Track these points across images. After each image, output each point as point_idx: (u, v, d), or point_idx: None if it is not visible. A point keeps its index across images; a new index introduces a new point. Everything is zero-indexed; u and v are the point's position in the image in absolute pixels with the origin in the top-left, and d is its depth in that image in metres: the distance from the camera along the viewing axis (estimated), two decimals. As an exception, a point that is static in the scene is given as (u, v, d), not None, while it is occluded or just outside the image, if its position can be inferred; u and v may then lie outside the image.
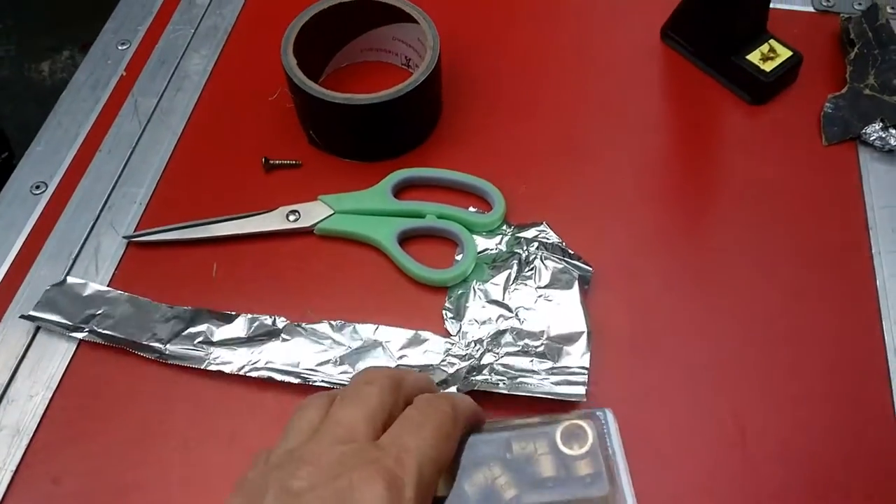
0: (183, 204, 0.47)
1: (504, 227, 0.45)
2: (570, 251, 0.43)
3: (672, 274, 0.44)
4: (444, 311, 0.42)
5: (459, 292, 0.42)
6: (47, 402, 0.40)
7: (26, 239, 0.46)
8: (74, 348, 0.41)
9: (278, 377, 0.39)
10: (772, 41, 0.51)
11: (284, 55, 0.46)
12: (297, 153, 0.49)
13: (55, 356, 0.41)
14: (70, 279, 0.43)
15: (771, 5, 0.51)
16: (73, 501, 0.37)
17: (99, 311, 0.42)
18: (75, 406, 0.40)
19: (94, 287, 0.43)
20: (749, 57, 0.51)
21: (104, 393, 0.40)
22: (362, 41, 0.53)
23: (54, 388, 0.40)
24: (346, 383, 0.39)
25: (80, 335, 0.41)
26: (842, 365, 0.40)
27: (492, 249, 0.44)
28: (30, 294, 0.43)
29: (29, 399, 0.40)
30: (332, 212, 0.45)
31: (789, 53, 0.51)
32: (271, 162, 0.48)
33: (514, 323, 0.40)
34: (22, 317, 0.42)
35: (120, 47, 0.56)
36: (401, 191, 0.47)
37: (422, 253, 0.44)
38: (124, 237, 0.45)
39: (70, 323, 0.41)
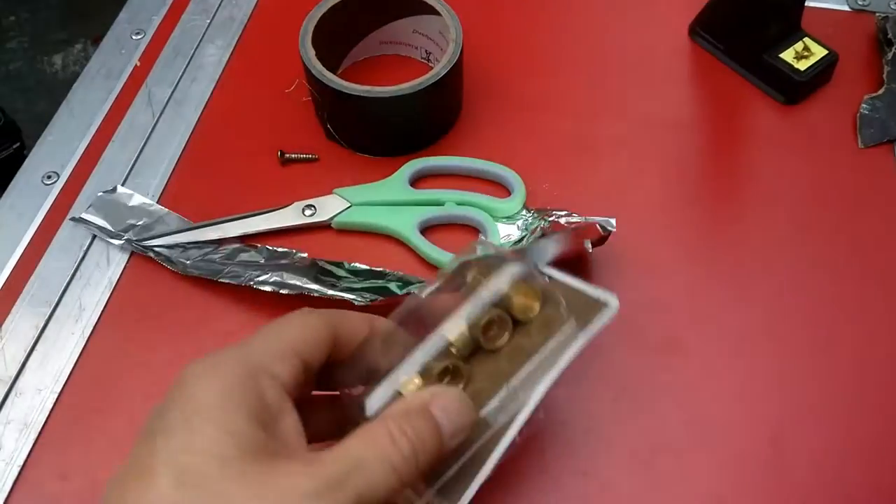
0: (196, 197, 0.46)
1: (524, 213, 0.44)
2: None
3: (699, 277, 0.43)
4: None
5: None
6: (56, 396, 0.39)
7: (37, 229, 0.45)
8: (84, 343, 0.40)
9: (283, 291, 0.39)
10: (806, 39, 0.50)
11: (302, 46, 0.45)
12: (314, 147, 0.48)
13: (64, 349, 0.40)
14: (120, 189, 0.46)
15: (805, 4, 0.50)
16: (81, 498, 0.36)
17: (139, 223, 0.44)
18: (84, 401, 0.39)
19: (139, 199, 0.45)
20: (782, 55, 0.49)
21: (113, 389, 0.39)
22: (381, 34, 0.51)
23: (63, 382, 0.39)
24: (339, 298, 0.38)
25: (117, 242, 0.43)
26: (877, 371, 0.39)
27: (514, 235, 0.43)
28: (39, 285, 0.42)
29: (37, 393, 0.39)
30: (348, 204, 0.44)
31: (824, 52, 0.49)
32: (287, 155, 0.47)
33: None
34: (72, 219, 0.44)
35: (134, 37, 0.55)
36: (417, 181, 0.46)
37: (443, 241, 0.43)
38: (127, 240, 0.43)
39: (113, 230, 0.44)
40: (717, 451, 0.36)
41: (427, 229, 0.44)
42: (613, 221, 0.40)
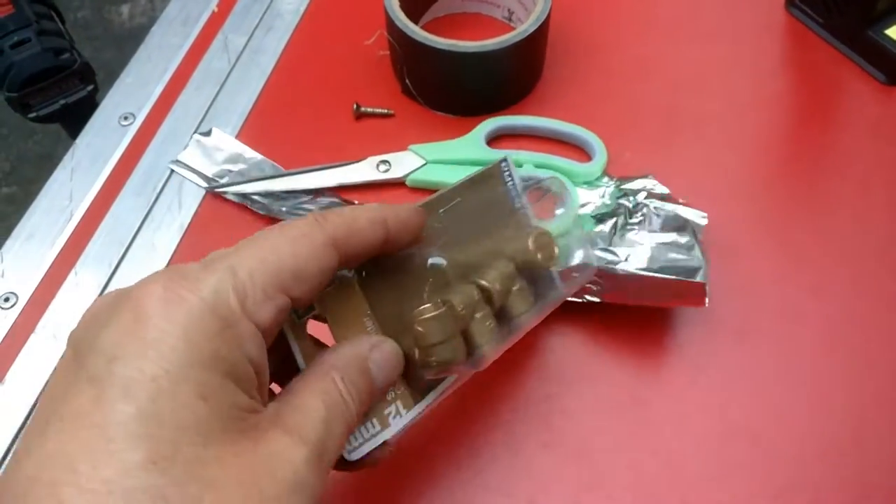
0: (270, 145, 0.46)
1: (605, 180, 0.42)
2: (681, 201, 0.40)
3: (783, 263, 0.40)
4: None
5: (562, 243, 0.40)
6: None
7: (112, 170, 0.45)
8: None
9: None
10: (916, 15, 0.46)
11: (387, -4, 0.44)
12: (390, 102, 0.47)
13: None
14: (215, 131, 0.46)
15: (918, -24, 0.46)
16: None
17: (235, 168, 0.44)
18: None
19: (234, 143, 0.45)
20: (888, 32, 0.46)
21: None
22: (464, -12, 0.50)
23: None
24: None
25: (206, 186, 0.44)
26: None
27: (594, 202, 0.41)
28: (114, 225, 0.43)
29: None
30: (423, 162, 0.43)
31: (936, 30, 0.46)
32: (362, 109, 0.46)
33: (624, 266, 0.37)
34: (171, 161, 0.45)
35: (213, -18, 0.55)
36: (494, 140, 0.45)
37: (519, 206, 0.42)
38: (206, 188, 0.44)
39: (208, 174, 0.44)
40: (793, 436, 0.35)
41: (503, 192, 0.42)
42: (705, 218, 0.38)
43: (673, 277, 0.35)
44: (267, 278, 0.20)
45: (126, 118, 0.48)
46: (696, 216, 0.38)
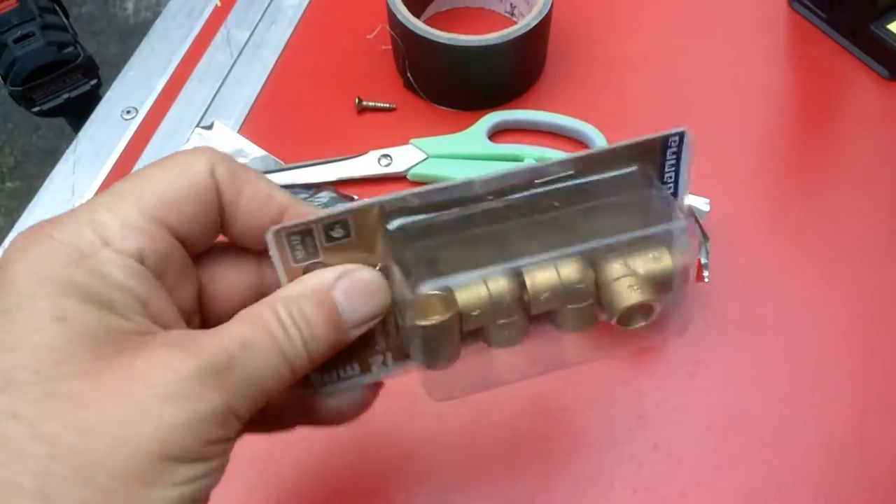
0: (271, 139, 0.46)
1: None
2: None
3: (786, 251, 0.41)
4: None
5: None
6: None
7: (115, 163, 0.45)
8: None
9: None
10: (919, 10, 0.46)
11: (389, -10, 0.44)
12: (392, 96, 0.47)
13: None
14: (217, 124, 0.45)
15: (922, -30, 0.46)
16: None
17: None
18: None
19: (236, 137, 0.45)
20: (890, 27, 0.46)
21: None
22: (467, -17, 0.50)
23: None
24: None
25: None
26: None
27: None
28: (116, 218, 0.43)
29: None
30: (425, 156, 0.43)
31: (939, 24, 0.46)
32: (364, 103, 0.46)
33: None
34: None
35: (216, -23, 0.55)
36: (495, 134, 0.45)
37: (520, 202, 0.42)
38: None
39: None
40: (795, 429, 0.35)
41: (504, 186, 0.42)
42: (708, 204, 0.38)
43: None
44: (129, 209, 0.20)
45: (129, 112, 0.48)
46: (699, 202, 0.38)
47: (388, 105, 0.47)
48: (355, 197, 0.43)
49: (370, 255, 0.22)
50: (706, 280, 0.33)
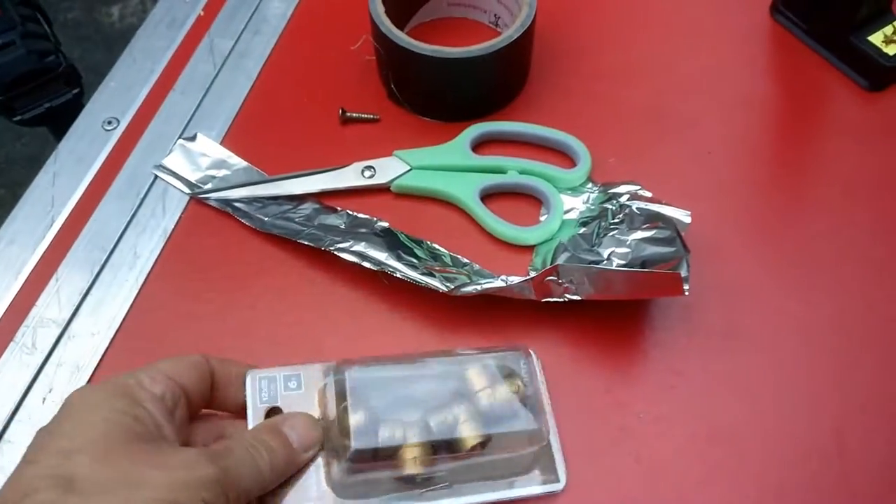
0: (255, 151, 0.45)
1: (590, 185, 0.42)
2: (663, 201, 0.39)
3: (768, 262, 0.41)
4: (529, 270, 0.39)
5: (546, 249, 0.40)
6: (108, 342, 0.39)
7: (95, 175, 0.45)
8: (137, 290, 0.40)
9: (366, 263, 0.38)
10: (898, 22, 0.47)
11: (372, 2, 0.44)
12: (375, 107, 0.47)
13: (118, 296, 0.40)
14: (200, 136, 0.46)
15: (901, -17, 0.47)
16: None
17: (219, 174, 0.44)
18: (135, 348, 0.38)
19: (219, 149, 0.45)
20: (870, 38, 0.47)
21: (164, 338, 0.39)
22: (451, -6, 0.50)
23: (116, 328, 0.39)
24: (424, 284, 0.37)
25: (189, 192, 0.43)
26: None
27: (579, 208, 0.41)
28: (96, 230, 0.42)
29: (90, 337, 0.39)
30: (408, 168, 0.43)
31: (918, 37, 0.46)
32: (348, 114, 0.46)
33: (605, 265, 0.37)
34: (155, 166, 0.45)
35: (199, -14, 0.55)
36: (479, 146, 0.45)
37: (504, 211, 0.42)
38: (190, 194, 0.43)
39: (192, 180, 0.44)
40: (777, 441, 0.35)
41: (488, 197, 0.42)
42: (689, 216, 0.38)
43: (650, 271, 0.35)
44: (156, 372, 0.31)
45: (110, 122, 0.47)
46: (680, 214, 0.38)
47: (371, 116, 0.46)
48: (338, 208, 0.43)
49: (311, 405, 0.34)
50: (686, 294, 0.33)
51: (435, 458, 0.32)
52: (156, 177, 0.45)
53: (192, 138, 0.46)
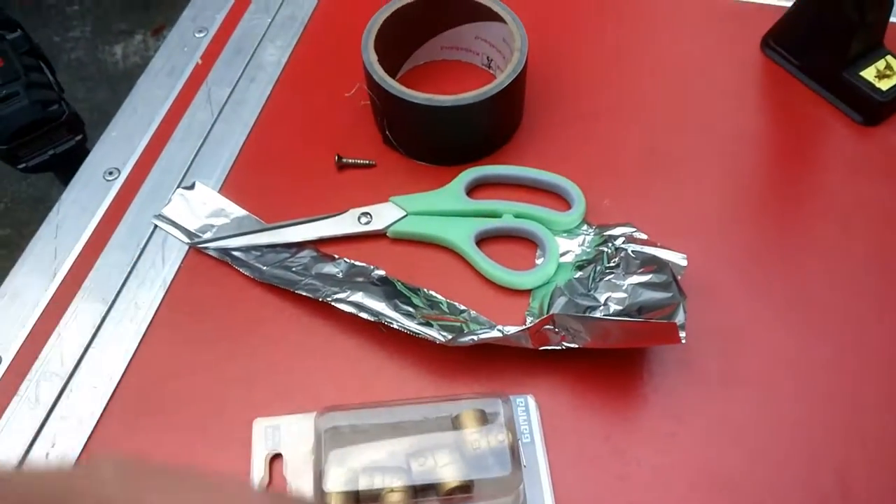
0: (252, 198, 0.46)
1: (585, 227, 0.43)
2: (659, 244, 0.40)
3: (765, 302, 0.41)
4: (527, 315, 0.40)
5: (543, 293, 0.40)
6: (110, 394, 0.39)
7: (97, 225, 0.46)
8: (138, 342, 0.41)
9: (363, 314, 0.38)
10: (889, 57, 0.47)
11: (365, 51, 0.45)
12: (371, 152, 0.48)
13: (120, 348, 0.40)
14: (198, 185, 0.46)
15: (890, 20, 0.47)
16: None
17: (218, 223, 0.44)
18: (137, 400, 0.39)
19: (218, 198, 0.46)
20: (863, 73, 0.47)
21: (165, 389, 0.39)
22: (443, 39, 0.51)
23: (117, 380, 0.39)
24: (422, 335, 0.37)
25: (188, 241, 0.44)
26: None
27: (575, 251, 0.42)
28: (99, 279, 0.43)
29: (93, 389, 0.39)
30: (404, 213, 0.43)
31: (909, 71, 0.47)
32: (344, 160, 0.47)
33: (602, 311, 0.37)
34: (155, 217, 0.45)
35: (197, 35, 0.56)
36: (473, 190, 0.45)
37: (499, 254, 0.42)
38: (189, 244, 0.44)
39: (191, 229, 0.44)
40: (779, 487, 0.35)
41: (483, 241, 0.43)
42: (685, 260, 0.38)
43: (645, 320, 0.35)
44: None
45: (111, 173, 0.48)
46: (676, 258, 0.39)
47: (367, 161, 0.47)
48: (336, 256, 0.43)
49: (312, 450, 0.35)
50: (683, 342, 0.34)
51: (417, 502, 0.32)
52: (156, 226, 0.45)
53: (191, 187, 0.46)
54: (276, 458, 0.36)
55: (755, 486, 0.35)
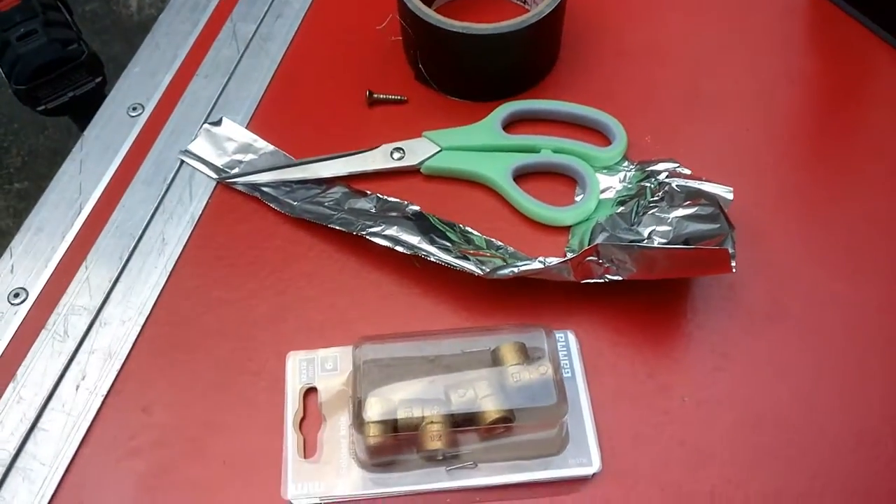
0: (281, 134, 0.45)
1: (626, 164, 0.41)
2: (704, 178, 0.38)
3: (813, 242, 0.39)
4: (566, 252, 0.38)
5: (582, 230, 0.39)
6: (139, 328, 0.38)
7: (122, 161, 0.45)
8: (167, 277, 0.40)
9: (399, 248, 0.37)
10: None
11: (398, -21, 0.43)
12: (402, 89, 0.46)
13: (147, 283, 0.40)
14: (226, 121, 0.45)
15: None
16: (162, 431, 0.35)
17: (245, 159, 0.43)
18: (166, 335, 0.38)
19: (244, 133, 0.44)
20: (918, 7, 0.45)
21: (194, 324, 0.38)
22: (477, -28, 0.49)
23: (146, 315, 0.39)
24: (459, 267, 0.36)
25: (216, 177, 0.43)
26: None
27: (615, 187, 0.40)
28: (124, 217, 0.42)
29: (121, 324, 0.38)
30: (438, 149, 0.42)
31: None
32: (375, 96, 0.45)
33: (647, 243, 0.36)
34: (181, 151, 0.44)
35: (220, -31, 0.54)
36: (509, 126, 0.44)
37: (537, 191, 0.41)
38: (216, 179, 0.43)
39: (218, 165, 0.43)
40: (826, 425, 0.34)
41: (521, 177, 0.41)
42: (731, 193, 0.37)
43: (696, 247, 0.34)
44: None
45: (135, 109, 0.47)
46: (722, 191, 0.37)
47: (399, 97, 0.45)
48: (368, 192, 0.42)
49: (346, 383, 0.35)
50: (734, 271, 0.32)
51: (457, 433, 0.32)
52: (182, 162, 0.44)
53: (218, 123, 0.45)
54: (311, 391, 0.36)
55: (801, 424, 0.34)
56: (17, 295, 0.39)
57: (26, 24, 0.56)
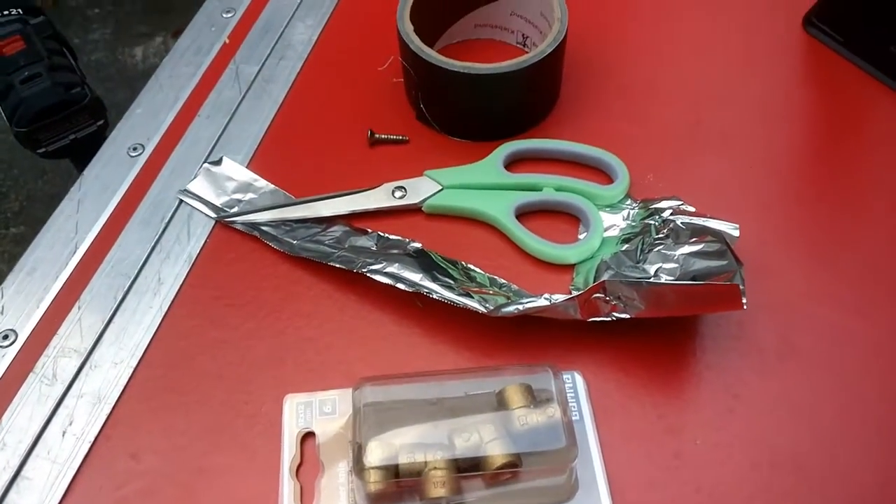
0: (282, 174, 0.44)
1: (629, 202, 0.41)
2: (708, 215, 0.38)
3: (820, 278, 0.39)
4: (571, 290, 0.38)
5: (587, 268, 0.38)
6: (131, 371, 0.37)
7: (120, 201, 0.44)
8: (161, 317, 0.39)
9: (400, 285, 0.36)
10: (942, 30, 0.45)
11: (401, 21, 0.43)
12: (404, 129, 0.46)
13: (142, 323, 0.39)
14: (226, 160, 0.45)
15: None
16: (151, 478, 0.34)
17: (245, 198, 0.43)
18: (159, 378, 0.37)
19: (245, 172, 0.44)
20: (913, 47, 0.45)
21: (188, 366, 0.37)
22: (478, 15, 0.49)
23: (139, 357, 0.37)
24: (462, 305, 0.36)
25: (214, 216, 0.42)
26: None
27: (619, 225, 0.40)
28: (120, 256, 0.41)
29: (113, 366, 0.37)
30: (440, 187, 0.42)
31: (963, 44, 0.45)
32: (376, 136, 0.45)
33: (654, 280, 0.35)
34: (180, 191, 0.44)
35: (225, 15, 0.55)
36: (511, 165, 0.44)
37: (540, 229, 0.40)
38: (215, 218, 0.42)
39: (217, 204, 0.43)
40: (847, 466, 0.32)
41: (523, 215, 0.41)
42: (737, 229, 0.36)
43: (705, 283, 0.33)
44: None
45: (135, 149, 0.47)
46: (728, 227, 0.37)
47: (401, 137, 0.45)
48: (368, 230, 0.41)
49: (345, 427, 0.34)
50: (745, 307, 0.31)
51: (461, 480, 0.30)
52: (180, 202, 0.44)
53: (218, 162, 0.45)
54: (308, 436, 0.34)
55: (821, 465, 0.32)
56: (6, 337, 0.38)
57: (30, 68, 0.56)
